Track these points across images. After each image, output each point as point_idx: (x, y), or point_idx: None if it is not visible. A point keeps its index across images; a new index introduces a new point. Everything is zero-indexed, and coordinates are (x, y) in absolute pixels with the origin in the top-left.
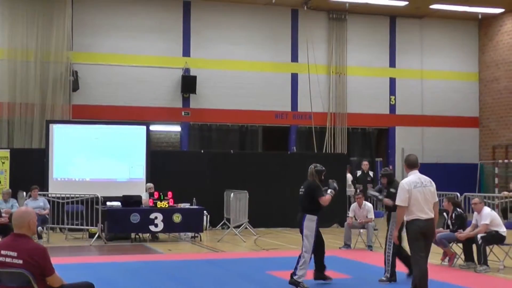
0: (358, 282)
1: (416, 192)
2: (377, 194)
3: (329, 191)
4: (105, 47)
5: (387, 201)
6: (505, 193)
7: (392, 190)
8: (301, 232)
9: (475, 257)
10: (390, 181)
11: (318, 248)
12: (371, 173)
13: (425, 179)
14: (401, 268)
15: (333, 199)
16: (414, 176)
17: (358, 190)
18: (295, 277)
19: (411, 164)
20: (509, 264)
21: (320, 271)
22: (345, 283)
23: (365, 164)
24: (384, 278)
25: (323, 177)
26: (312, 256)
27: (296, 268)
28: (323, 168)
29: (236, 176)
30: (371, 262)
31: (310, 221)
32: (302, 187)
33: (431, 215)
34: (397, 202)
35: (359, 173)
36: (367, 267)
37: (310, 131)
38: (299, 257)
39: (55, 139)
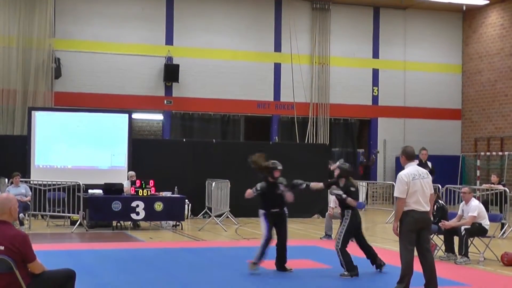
0: (338, 272)
1: (415, 184)
2: (341, 192)
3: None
4: (87, 34)
5: (351, 200)
6: (486, 185)
7: (352, 188)
8: None
9: (455, 248)
10: (341, 176)
11: (279, 241)
12: (429, 164)
13: (422, 171)
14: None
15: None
16: (412, 168)
17: None
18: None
19: (409, 156)
20: (489, 256)
21: (280, 262)
22: (326, 273)
23: (424, 153)
24: (345, 273)
25: (273, 175)
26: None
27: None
28: (275, 165)
29: (218, 165)
30: (352, 252)
31: (260, 214)
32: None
33: (426, 208)
34: (396, 194)
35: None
36: None
37: (292, 121)
38: None
39: (37, 126)
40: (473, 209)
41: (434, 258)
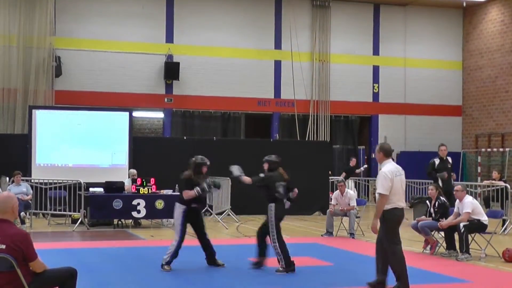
0: (340, 269)
1: (397, 181)
2: (238, 173)
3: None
4: (88, 32)
5: (245, 179)
6: (487, 182)
7: (260, 174)
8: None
9: (457, 245)
10: (271, 169)
11: (200, 237)
12: (449, 159)
13: (399, 168)
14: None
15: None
16: (391, 165)
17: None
18: (162, 261)
19: (387, 152)
20: (490, 253)
21: (210, 258)
22: (327, 270)
23: (443, 149)
24: (280, 269)
25: (202, 171)
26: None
27: (165, 254)
28: (204, 161)
29: (219, 163)
30: (353, 249)
31: (177, 209)
32: None
33: (404, 205)
34: (380, 191)
35: (437, 161)
36: (349, 255)
37: (293, 118)
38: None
39: (38, 125)
40: (467, 205)
41: (435, 255)
